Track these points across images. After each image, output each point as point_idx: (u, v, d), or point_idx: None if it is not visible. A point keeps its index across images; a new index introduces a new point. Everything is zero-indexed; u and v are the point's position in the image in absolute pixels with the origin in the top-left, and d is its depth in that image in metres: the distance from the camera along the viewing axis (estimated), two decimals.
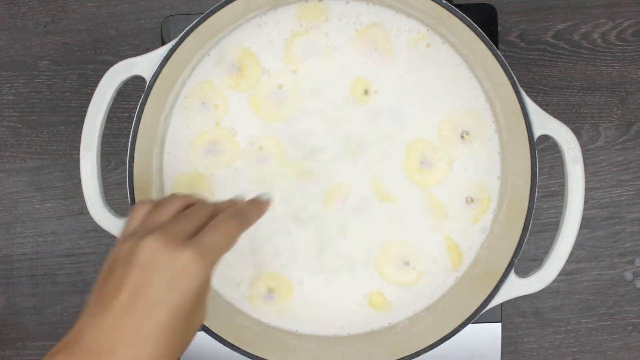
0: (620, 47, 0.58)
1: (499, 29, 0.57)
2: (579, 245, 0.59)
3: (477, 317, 0.45)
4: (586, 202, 0.50)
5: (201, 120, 0.49)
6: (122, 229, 0.38)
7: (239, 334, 0.47)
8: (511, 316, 0.59)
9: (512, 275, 0.45)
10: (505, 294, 0.45)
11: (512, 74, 0.44)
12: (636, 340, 0.59)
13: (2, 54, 0.60)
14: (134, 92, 0.59)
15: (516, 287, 0.45)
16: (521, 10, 0.58)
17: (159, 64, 0.45)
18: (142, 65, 0.45)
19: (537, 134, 0.44)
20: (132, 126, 0.45)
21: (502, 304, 0.47)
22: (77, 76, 0.60)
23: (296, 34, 0.48)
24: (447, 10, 0.44)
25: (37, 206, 0.60)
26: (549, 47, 0.58)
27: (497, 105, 0.47)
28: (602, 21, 0.58)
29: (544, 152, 0.59)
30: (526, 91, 0.44)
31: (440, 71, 0.48)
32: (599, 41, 0.58)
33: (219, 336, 0.45)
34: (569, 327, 0.59)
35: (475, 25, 0.44)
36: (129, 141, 0.45)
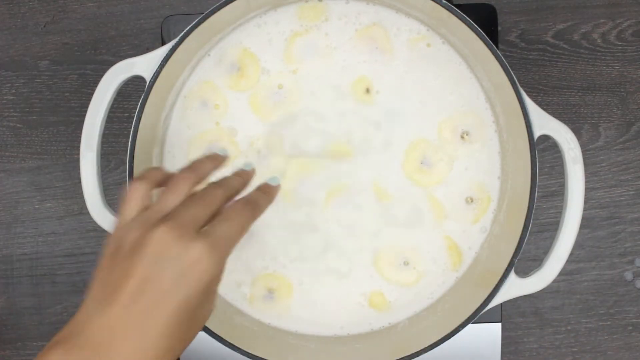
0: (620, 47, 0.58)
1: (499, 29, 0.57)
2: (579, 245, 0.59)
3: (477, 317, 0.45)
4: (586, 202, 0.50)
5: (201, 119, 0.49)
6: (119, 211, 0.36)
7: (239, 334, 0.47)
8: (511, 316, 0.59)
9: (512, 275, 0.45)
10: (505, 294, 0.45)
11: (512, 74, 0.44)
12: (636, 340, 0.59)
13: (2, 54, 0.60)
14: (134, 92, 0.59)
15: (516, 287, 0.45)
16: (521, 10, 0.58)
17: (159, 64, 0.45)
18: (142, 65, 0.45)
19: (537, 134, 0.44)
20: (132, 126, 0.45)
21: (502, 304, 0.47)
22: (77, 76, 0.60)
23: (296, 34, 0.48)
24: (447, 10, 0.44)
25: (37, 206, 0.60)
26: (549, 47, 0.58)
27: (497, 105, 0.47)
28: (602, 21, 0.58)
29: (544, 152, 0.58)
30: (526, 91, 0.44)
31: (440, 71, 0.48)
32: (599, 41, 0.58)
33: (219, 336, 0.45)
34: (569, 327, 0.59)
35: (475, 25, 0.44)
36: (129, 141, 0.45)
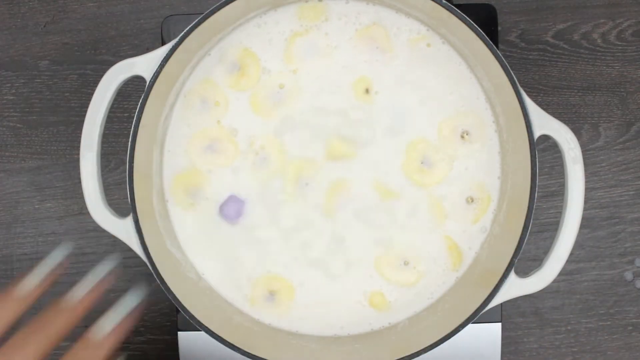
0: (620, 47, 0.58)
1: (499, 29, 0.57)
2: (579, 245, 0.59)
3: (477, 317, 0.45)
4: (586, 202, 0.50)
5: (202, 118, 0.49)
6: None
7: (239, 334, 0.47)
8: (511, 316, 0.59)
9: (512, 275, 0.45)
10: (505, 294, 0.45)
11: (512, 74, 0.44)
12: (636, 340, 0.59)
13: (2, 54, 0.60)
14: (134, 92, 0.59)
15: (516, 287, 0.45)
16: (521, 10, 0.58)
17: (159, 64, 0.45)
18: (142, 65, 0.45)
19: (537, 134, 0.44)
20: (132, 126, 0.45)
21: (502, 304, 0.47)
22: (77, 76, 0.60)
23: (296, 33, 0.48)
24: (447, 10, 0.44)
25: (37, 206, 0.60)
26: (549, 47, 0.58)
27: (497, 105, 0.47)
28: (602, 21, 0.58)
29: (544, 152, 0.58)
30: (526, 91, 0.44)
31: (440, 71, 0.48)
32: (599, 41, 0.58)
33: (219, 336, 0.45)
34: (569, 327, 0.59)
35: (475, 25, 0.44)
36: (129, 141, 0.45)
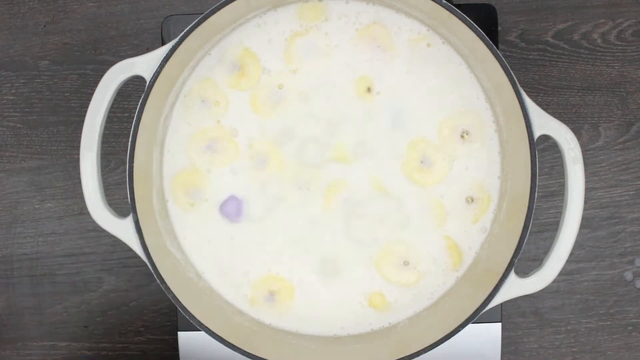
0: (620, 47, 0.58)
1: (499, 29, 0.57)
2: (579, 245, 0.59)
3: (477, 317, 0.45)
4: (586, 202, 0.50)
5: (202, 117, 0.49)
6: None
7: (239, 334, 0.47)
8: (511, 316, 0.59)
9: (512, 275, 0.45)
10: (505, 294, 0.45)
11: (512, 74, 0.44)
12: (636, 340, 0.59)
13: (2, 54, 0.60)
14: (134, 92, 0.59)
15: (516, 287, 0.45)
16: (521, 10, 0.58)
17: (159, 64, 0.45)
18: (142, 65, 0.45)
19: (537, 134, 0.44)
20: (132, 126, 0.45)
21: (502, 304, 0.47)
22: (77, 76, 0.60)
23: (296, 33, 0.48)
24: (448, 10, 0.44)
25: (37, 206, 0.60)
26: (549, 47, 0.58)
27: (497, 105, 0.47)
28: (602, 21, 0.58)
29: (544, 152, 0.58)
30: (526, 91, 0.44)
31: (440, 71, 0.48)
32: (599, 41, 0.58)
33: (219, 336, 0.45)
34: (569, 327, 0.59)
35: (475, 25, 0.44)
36: (129, 141, 0.45)
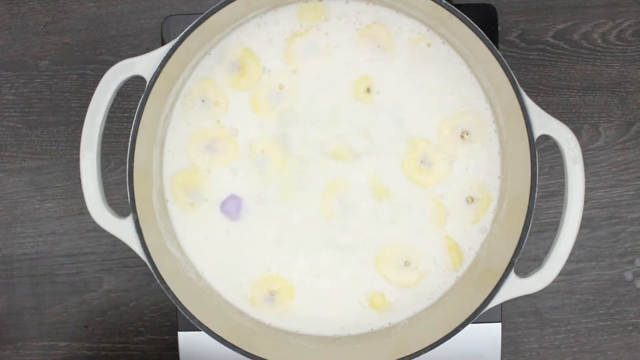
0: (620, 47, 0.58)
1: (499, 29, 0.57)
2: (579, 245, 0.59)
3: (477, 317, 0.45)
4: (586, 202, 0.50)
5: (202, 117, 0.49)
6: None
7: (239, 334, 0.47)
8: (511, 316, 0.59)
9: (512, 275, 0.45)
10: (505, 294, 0.45)
11: (512, 74, 0.44)
12: (636, 340, 0.59)
13: (2, 54, 0.60)
14: (134, 92, 0.59)
15: (516, 287, 0.45)
16: (521, 10, 0.58)
17: (159, 64, 0.45)
18: (142, 65, 0.45)
19: (537, 134, 0.44)
20: (132, 126, 0.45)
21: (502, 304, 0.47)
22: (77, 76, 0.60)
23: (296, 33, 0.48)
24: (448, 10, 0.44)
25: (37, 206, 0.60)
26: (549, 47, 0.58)
27: (497, 105, 0.47)
28: (602, 21, 0.58)
29: (544, 152, 0.58)
30: (526, 91, 0.44)
31: (440, 71, 0.48)
32: (599, 41, 0.58)
33: (219, 336, 0.45)
34: (569, 327, 0.59)
35: (475, 25, 0.44)
36: (129, 141, 0.45)
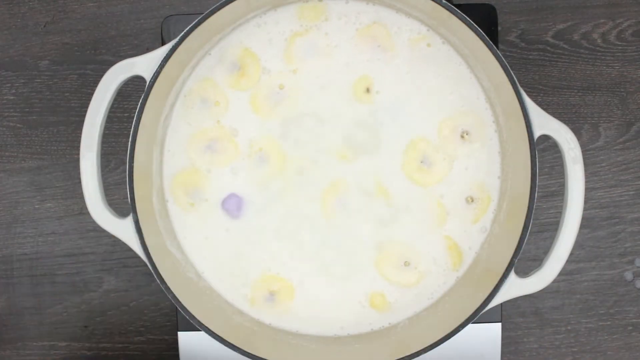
0: (620, 47, 0.58)
1: (499, 29, 0.57)
2: (579, 245, 0.59)
3: (477, 317, 0.45)
4: (586, 202, 0.50)
5: (202, 117, 0.49)
6: None
7: (239, 334, 0.47)
8: (511, 316, 0.59)
9: (512, 275, 0.45)
10: (505, 294, 0.45)
11: (512, 74, 0.44)
12: (636, 340, 0.59)
13: (2, 54, 0.60)
14: (134, 92, 0.59)
15: (516, 287, 0.45)
16: (521, 10, 0.58)
17: (159, 64, 0.45)
18: (142, 65, 0.45)
19: (537, 134, 0.44)
20: (132, 126, 0.45)
21: (502, 304, 0.47)
22: (77, 76, 0.60)
23: (296, 33, 0.48)
24: (448, 10, 0.44)
25: (37, 206, 0.60)
26: (549, 47, 0.58)
27: (497, 105, 0.47)
28: (602, 21, 0.58)
29: (544, 152, 0.58)
30: (526, 91, 0.44)
31: (440, 71, 0.48)
32: (599, 41, 0.58)
33: (219, 336, 0.45)
34: (569, 327, 0.59)
35: (475, 25, 0.44)
36: (129, 141, 0.45)
